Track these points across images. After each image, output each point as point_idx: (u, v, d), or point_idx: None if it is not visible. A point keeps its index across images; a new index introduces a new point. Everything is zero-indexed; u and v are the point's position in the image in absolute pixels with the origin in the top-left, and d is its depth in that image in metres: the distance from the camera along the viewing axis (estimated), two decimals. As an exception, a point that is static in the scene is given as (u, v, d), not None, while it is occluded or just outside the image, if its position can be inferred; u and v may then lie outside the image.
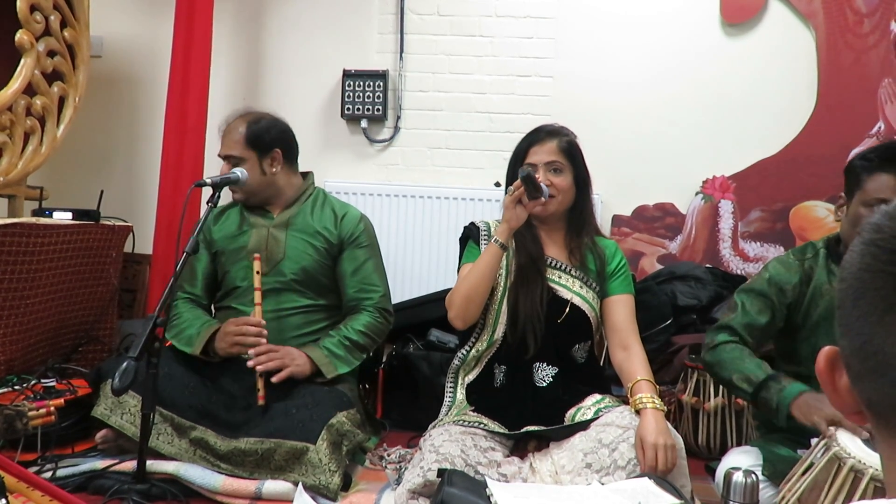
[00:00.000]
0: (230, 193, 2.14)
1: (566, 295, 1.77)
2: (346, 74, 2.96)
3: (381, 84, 2.95)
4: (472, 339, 1.81)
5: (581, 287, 1.79)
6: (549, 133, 1.81)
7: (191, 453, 1.82)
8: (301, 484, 1.71)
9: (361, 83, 2.96)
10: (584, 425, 1.62)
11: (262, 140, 2.06)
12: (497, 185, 2.91)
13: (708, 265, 2.83)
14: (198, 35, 2.75)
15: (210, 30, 2.79)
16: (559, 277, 1.79)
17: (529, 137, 1.83)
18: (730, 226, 2.93)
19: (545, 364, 1.75)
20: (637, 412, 1.59)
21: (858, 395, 0.51)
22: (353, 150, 3.06)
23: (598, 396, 1.71)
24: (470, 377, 1.81)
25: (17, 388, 1.99)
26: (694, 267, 2.73)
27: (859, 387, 0.50)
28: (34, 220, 2.13)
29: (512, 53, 2.98)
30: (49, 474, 1.73)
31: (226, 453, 1.78)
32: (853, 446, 1.25)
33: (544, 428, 1.66)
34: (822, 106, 2.88)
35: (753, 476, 1.43)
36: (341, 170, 3.03)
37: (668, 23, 2.93)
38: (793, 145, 2.89)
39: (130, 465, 1.75)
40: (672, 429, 1.58)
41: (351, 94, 2.96)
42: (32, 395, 1.92)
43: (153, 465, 1.76)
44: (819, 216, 2.88)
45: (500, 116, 2.98)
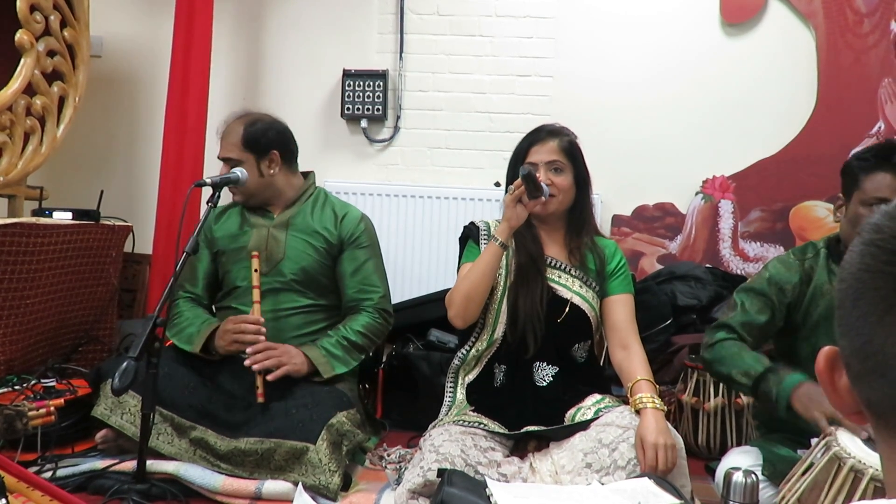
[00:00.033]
0: (231, 194, 2.14)
1: (566, 294, 1.77)
2: (346, 74, 2.96)
3: (381, 84, 2.95)
4: (471, 339, 1.81)
5: (581, 287, 1.79)
6: (549, 132, 1.82)
7: (191, 453, 1.82)
8: (301, 484, 1.71)
9: (361, 83, 2.96)
10: (584, 425, 1.62)
11: (259, 142, 2.05)
12: (497, 185, 2.91)
13: (708, 265, 2.83)
14: (198, 35, 2.75)
15: (210, 30, 2.79)
16: (559, 277, 1.79)
17: (530, 137, 1.83)
18: (730, 226, 2.93)
19: (545, 363, 1.75)
20: (637, 412, 1.59)
21: (858, 396, 0.50)
22: (353, 149, 3.06)
23: (598, 396, 1.71)
24: (470, 377, 1.81)
25: (17, 388, 1.99)
26: (694, 267, 2.73)
27: (859, 387, 0.50)
28: (34, 220, 2.13)
29: (512, 53, 2.98)
30: (49, 474, 1.73)
31: (226, 453, 1.78)
32: (853, 446, 1.25)
33: (544, 428, 1.66)
34: (822, 106, 2.88)
35: (753, 476, 1.43)
36: (341, 170, 3.03)
37: (668, 23, 2.93)
38: (793, 145, 2.89)
39: (130, 465, 1.76)
40: (672, 429, 1.58)
41: (351, 94, 2.96)
42: (32, 395, 1.92)
43: (153, 465, 1.76)
44: (819, 216, 2.88)
45: (500, 116, 2.98)
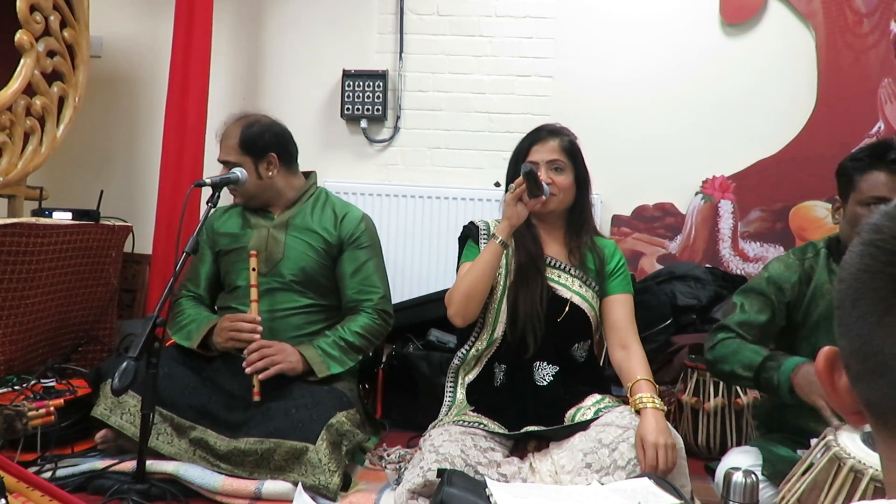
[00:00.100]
0: (232, 195, 2.15)
1: (565, 294, 1.77)
2: (346, 74, 2.96)
3: (381, 84, 2.95)
4: (471, 339, 1.81)
5: (580, 286, 1.79)
6: (550, 132, 1.82)
7: (190, 453, 1.82)
8: (301, 484, 1.71)
9: (361, 83, 2.96)
10: (584, 425, 1.62)
11: (256, 145, 2.06)
12: (497, 185, 2.91)
13: (708, 265, 2.83)
14: (197, 35, 2.75)
15: (210, 30, 2.79)
16: (559, 276, 1.79)
17: (531, 136, 1.83)
18: (729, 226, 2.93)
19: (545, 363, 1.75)
20: (637, 412, 1.59)
21: (858, 396, 0.50)
22: (353, 150, 3.06)
23: (597, 396, 1.71)
24: (470, 377, 1.81)
25: (16, 388, 1.99)
26: (693, 267, 2.73)
27: (858, 387, 0.50)
28: (34, 220, 2.13)
29: (511, 53, 2.98)
30: (49, 474, 1.73)
31: (225, 453, 1.78)
32: (853, 446, 1.25)
33: (544, 428, 1.66)
34: (822, 106, 2.88)
35: (753, 476, 1.43)
36: (341, 170, 3.03)
37: (668, 23, 2.93)
38: (792, 145, 2.89)
39: (130, 465, 1.76)
40: (672, 429, 1.58)
41: (351, 94, 2.96)
42: (32, 395, 1.92)
43: (153, 465, 1.76)
44: (819, 216, 2.88)
45: (500, 116, 2.98)
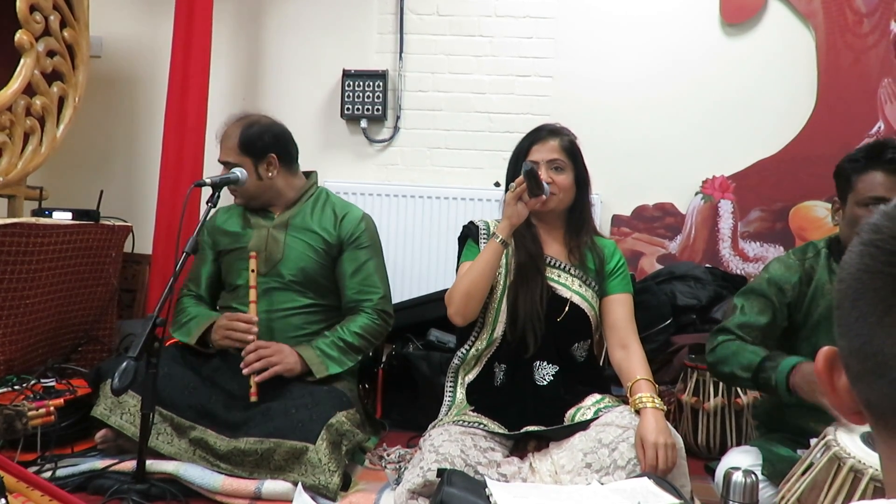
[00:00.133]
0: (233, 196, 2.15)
1: (565, 294, 1.77)
2: (346, 74, 2.96)
3: (381, 84, 2.95)
4: (471, 338, 1.81)
5: (580, 286, 1.79)
6: (550, 132, 1.82)
7: (190, 453, 1.82)
8: (301, 484, 1.71)
9: (361, 83, 2.96)
10: (584, 425, 1.62)
11: (256, 146, 2.06)
12: (497, 184, 2.91)
13: (707, 265, 2.83)
14: (197, 35, 2.75)
15: (210, 30, 2.79)
16: (558, 276, 1.79)
17: (531, 136, 1.84)
18: (729, 226, 2.93)
19: (545, 363, 1.75)
20: (637, 412, 1.59)
21: (857, 396, 0.50)
22: (353, 150, 3.06)
23: (597, 396, 1.71)
24: (470, 376, 1.81)
25: (16, 388, 1.99)
26: (693, 267, 2.73)
27: (858, 387, 0.50)
28: (34, 220, 2.13)
29: (511, 53, 2.98)
30: (49, 474, 1.73)
31: (225, 453, 1.78)
32: (853, 446, 1.25)
33: (544, 428, 1.66)
34: (822, 106, 2.88)
35: (753, 476, 1.43)
36: (341, 170, 3.03)
37: (668, 23, 2.93)
38: (792, 145, 2.89)
39: (130, 464, 1.76)
40: (672, 428, 1.58)
41: (351, 94, 2.96)
42: (32, 395, 1.92)
43: (153, 464, 1.76)
44: (819, 216, 2.88)
45: (500, 116, 2.98)
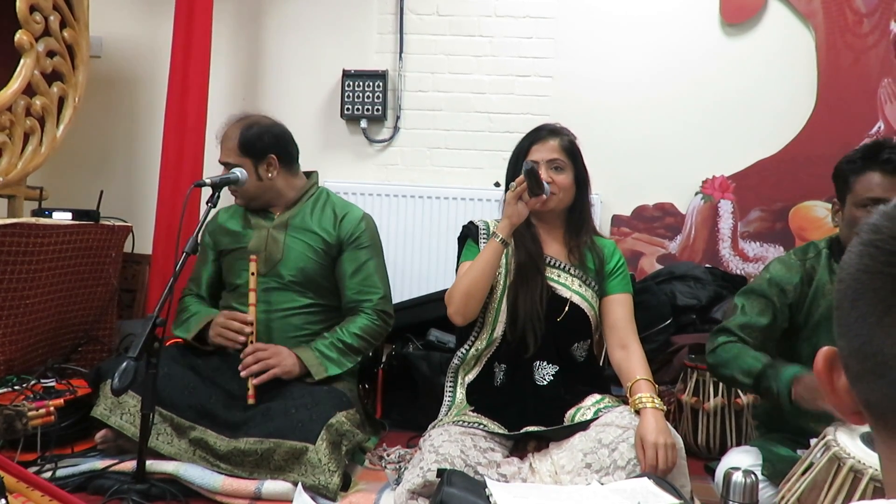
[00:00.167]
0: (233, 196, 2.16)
1: (565, 293, 1.77)
2: (346, 74, 2.96)
3: (381, 84, 2.95)
4: (471, 338, 1.81)
5: (580, 286, 1.79)
6: (550, 132, 1.82)
7: (190, 453, 1.82)
8: (300, 484, 1.71)
9: (361, 83, 2.96)
10: (584, 425, 1.62)
11: (255, 147, 2.06)
12: (496, 185, 2.91)
13: (707, 265, 2.83)
14: (197, 35, 2.75)
15: (210, 30, 2.79)
16: (558, 276, 1.79)
17: (531, 136, 1.84)
18: (729, 226, 2.93)
19: (545, 362, 1.75)
20: (637, 412, 1.59)
21: (857, 396, 0.50)
22: (353, 150, 3.06)
23: (597, 396, 1.71)
24: (470, 376, 1.81)
25: (16, 388, 1.99)
26: (693, 267, 2.73)
27: (858, 387, 0.50)
28: (34, 220, 2.13)
29: (511, 53, 2.98)
30: (49, 474, 1.73)
31: (225, 453, 1.78)
32: (853, 446, 1.25)
33: (544, 428, 1.66)
34: (822, 106, 2.88)
35: (753, 476, 1.43)
36: (341, 170, 3.03)
37: (668, 23, 2.93)
38: (792, 145, 2.89)
39: (130, 465, 1.76)
40: (672, 428, 1.58)
41: (350, 95, 2.96)
42: (32, 396, 1.92)
43: (153, 465, 1.76)
44: (819, 216, 2.88)
45: (500, 116, 2.98)
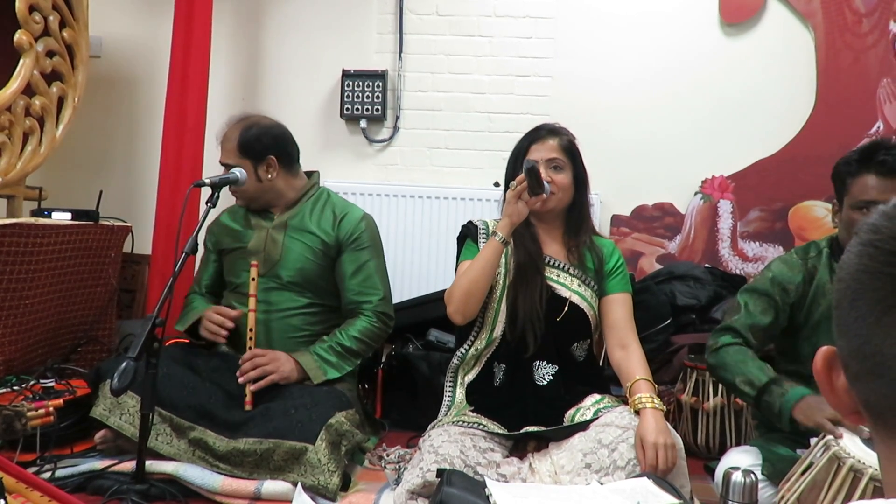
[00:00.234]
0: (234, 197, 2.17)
1: (565, 293, 1.77)
2: (346, 74, 2.96)
3: (381, 84, 2.95)
4: (471, 338, 1.81)
5: (579, 285, 1.79)
6: (549, 131, 1.83)
7: (190, 453, 1.82)
8: (300, 484, 1.71)
9: (361, 83, 2.96)
10: (584, 426, 1.62)
11: (254, 148, 2.06)
12: (496, 184, 2.91)
13: (707, 265, 2.83)
14: (197, 35, 2.75)
15: (209, 30, 2.79)
16: (558, 276, 1.79)
17: (530, 136, 1.84)
18: (729, 225, 2.93)
19: (545, 362, 1.75)
20: (636, 412, 1.59)
21: (856, 396, 0.50)
22: (353, 150, 3.05)
23: (597, 396, 1.71)
24: (470, 376, 1.81)
25: (16, 388, 1.99)
26: (693, 267, 2.73)
27: (857, 387, 0.50)
28: (33, 220, 2.13)
29: (511, 53, 2.98)
30: (48, 475, 1.73)
31: (225, 453, 1.78)
32: (853, 446, 1.25)
33: (543, 429, 1.66)
34: (821, 106, 2.88)
35: (752, 476, 1.43)
36: (341, 170, 3.03)
37: (667, 23, 2.93)
38: (792, 145, 2.89)
39: (129, 465, 1.75)
40: (671, 429, 1.57)
41: (350, 95, 2.96)
42: (31, 396, 1.92)
43: (152, 465, 1.76)
44: (818, 216, 2.88)
45: (499, 116, 2.98)
